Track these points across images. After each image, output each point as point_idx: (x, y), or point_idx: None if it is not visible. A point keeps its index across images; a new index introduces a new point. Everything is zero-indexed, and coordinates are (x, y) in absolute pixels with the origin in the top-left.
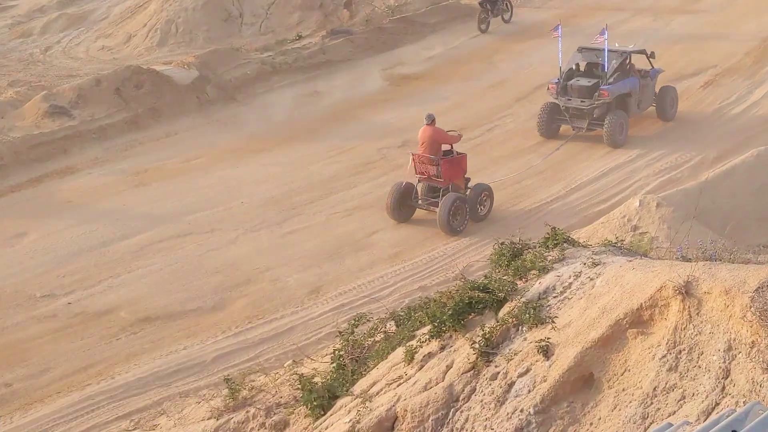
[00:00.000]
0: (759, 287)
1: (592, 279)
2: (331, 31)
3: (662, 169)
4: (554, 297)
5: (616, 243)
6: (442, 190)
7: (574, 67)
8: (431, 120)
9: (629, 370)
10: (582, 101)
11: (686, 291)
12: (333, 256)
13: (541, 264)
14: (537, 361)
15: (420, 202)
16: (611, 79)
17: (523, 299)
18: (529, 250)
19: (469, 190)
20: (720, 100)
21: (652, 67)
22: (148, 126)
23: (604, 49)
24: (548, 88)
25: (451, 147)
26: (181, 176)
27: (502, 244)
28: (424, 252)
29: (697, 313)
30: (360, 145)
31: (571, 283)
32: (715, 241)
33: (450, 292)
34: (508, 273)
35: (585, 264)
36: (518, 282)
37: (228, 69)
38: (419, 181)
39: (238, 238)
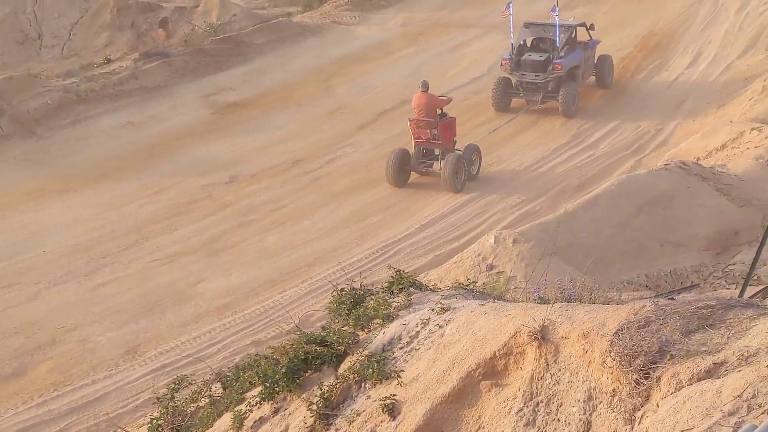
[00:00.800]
0: (618, 329)
1: (441, 327)
2: (145, 54)
3: (518, 202)
4: (400, 348)
5: (467, 285)
6: (441, 151)
7: (522, 43)
8: (426, 87)
9: (483, 427)
10: (536, 75)
11: (542, 336)
12: (152, 310)
13: (385, 312)
14: (382, 421)
15: (414, 165)
16: (562, 53)
17: (365, 352)
18: (372, 296)
19: (460, 152)
20: (584, 121)
21: (591, 38)
22: None
23: (553, 24)
24: (501, 64)
25: (442, 110)
26: None
27: (342, 290)
28: (258, 302)
29: (555, 361)
30: (181, 182)
31: (418, 332)
32: (574, 279)
33: (284, 348)
34: (348, 323)
35: (433, 310)
36: (360, 333)
37: (25, 98)
38: (416, 145)
39: (39, 292)
